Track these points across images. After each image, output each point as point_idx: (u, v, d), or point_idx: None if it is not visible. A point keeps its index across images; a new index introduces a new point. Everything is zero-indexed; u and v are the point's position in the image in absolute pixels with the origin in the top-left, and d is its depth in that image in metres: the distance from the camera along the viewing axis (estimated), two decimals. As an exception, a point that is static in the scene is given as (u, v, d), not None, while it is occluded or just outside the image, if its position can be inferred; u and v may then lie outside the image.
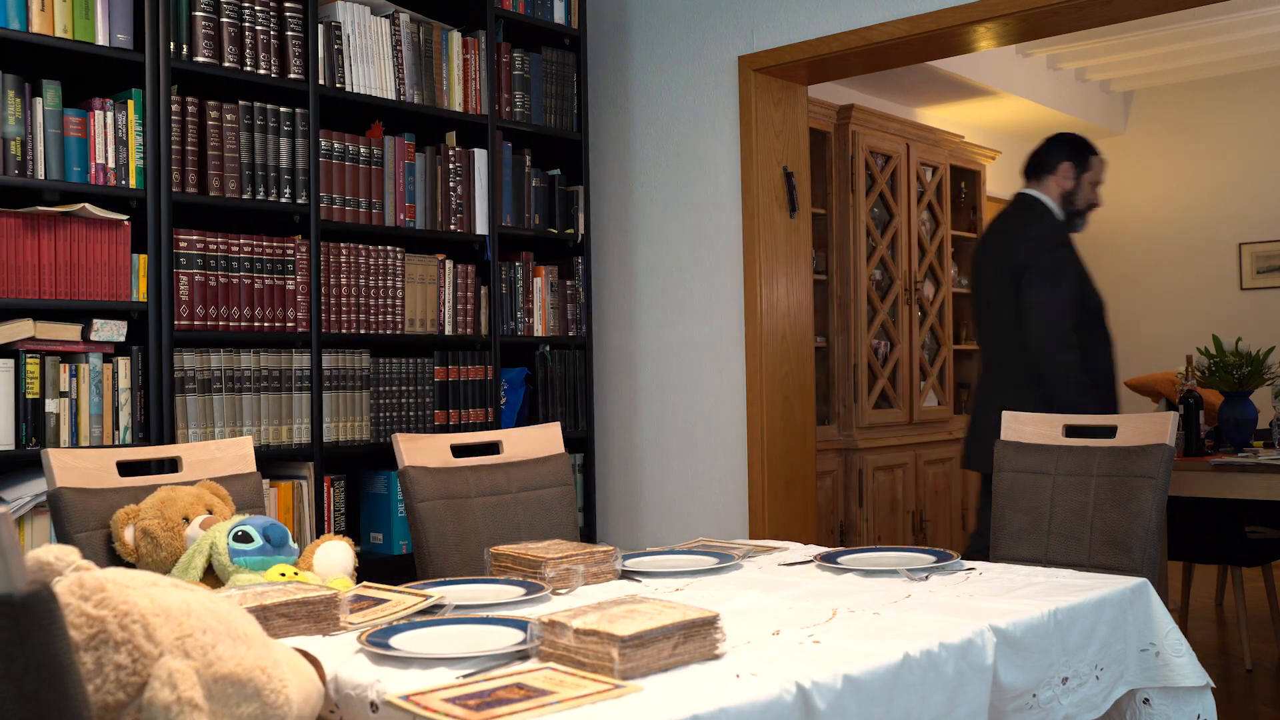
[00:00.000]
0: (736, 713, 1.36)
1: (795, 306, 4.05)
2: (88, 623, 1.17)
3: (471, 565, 2.60)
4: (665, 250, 4.18)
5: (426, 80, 3.60)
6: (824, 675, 1.47)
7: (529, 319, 3.88)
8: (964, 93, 6.08)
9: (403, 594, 1.89)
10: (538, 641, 1.56)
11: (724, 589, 2.06)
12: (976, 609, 1.84)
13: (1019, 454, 2.77)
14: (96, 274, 2.87)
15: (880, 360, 5.36)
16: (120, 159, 2.94)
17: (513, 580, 2.08)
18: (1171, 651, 2.03)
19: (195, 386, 3.04)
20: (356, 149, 3.42)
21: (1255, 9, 5.70)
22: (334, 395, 3.33)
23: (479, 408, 3.68)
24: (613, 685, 1.40)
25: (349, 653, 1.61)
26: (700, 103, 4.08)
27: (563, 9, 4.00)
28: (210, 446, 2.48)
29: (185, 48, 3.06)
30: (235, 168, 3.14)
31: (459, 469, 2.74)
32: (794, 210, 4.04)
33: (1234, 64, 6.79)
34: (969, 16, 3.40)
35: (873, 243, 5.31)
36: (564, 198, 4.02)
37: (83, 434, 2.86)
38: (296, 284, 3.25)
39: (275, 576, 1.98)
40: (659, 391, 4.20)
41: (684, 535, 4.03)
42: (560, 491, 2.89)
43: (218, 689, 1.23)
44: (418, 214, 3.58)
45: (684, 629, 1.52)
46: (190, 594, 1.30)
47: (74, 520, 2.18)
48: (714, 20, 4.04)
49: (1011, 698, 1.76)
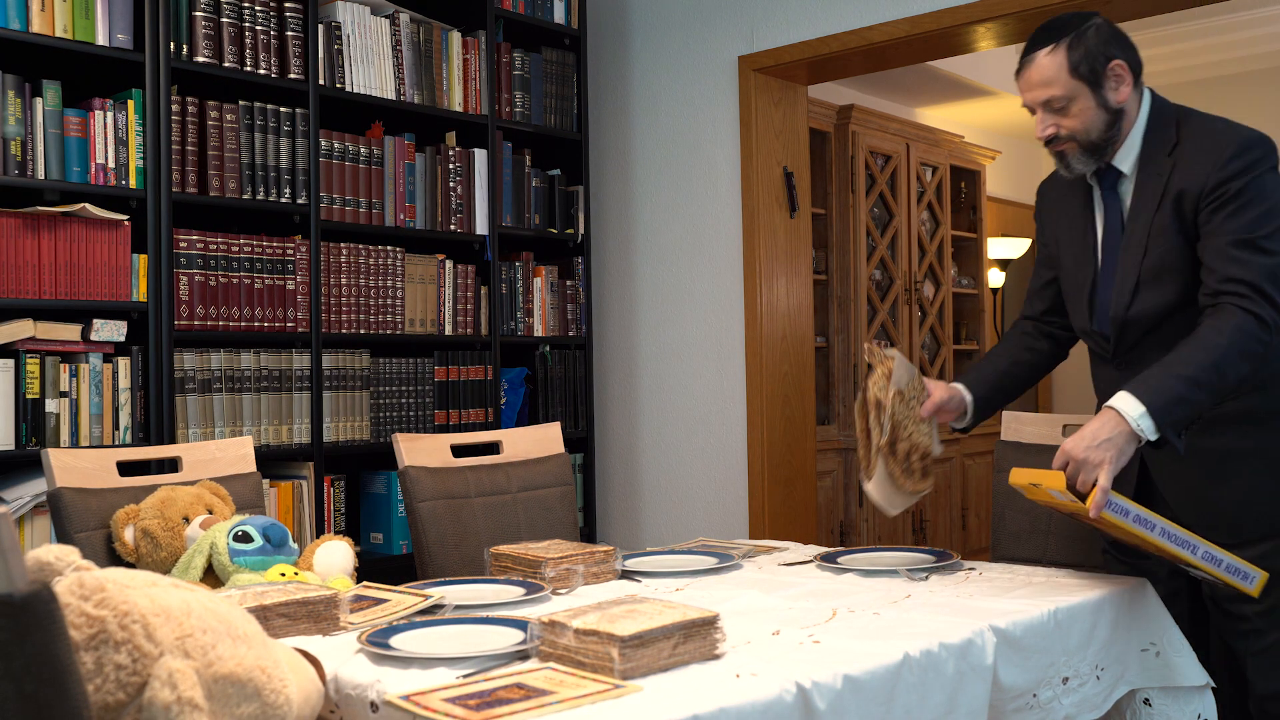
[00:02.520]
0: (736, 713, 1.36)
1: (795, 306, 4.05)
2: (88, 623, 1.17)
3: (471, 565, 2.60)
4: (665, 250, 4.18)
5: (426, 80, 3.60)
6: (824, 675, 1.47)
7: (529, 319, 3.88)
8: (964, 93, 6.08)
9: (403, 594, 1.89)
10: (538, 641, 1.56)
11: (724, 589, 2.06)
12: (976, 609, 1.84)
13: (1019, 454, 2.77)
14: (96, 274, 2.87)
15: (880, 360, 5.35)
16: (120, 159, 2.94)
17: (513, 580, 2.08)
18: (1172, 651, 2.03)
19: (195, 386, 3.04)
20: (356, 149, 3.42)
21: (1255, 9, 5.70)
22: (334, 395, 3.33)
23: (479, 408, 3.68)
24: (613, 685, 1.40)
25: (349, 653, 1.61)
26: (700, 103, 4.08)
27: (563, 9, 4.00)
28: (210, 446, 2.48)
29: (185, 48, 3.06)
30: (235, 168, 3.14)
31: (459, 469, 2.74)
32: (794, 210, 4.04)
33: (1234, 64, 6.79)
34: (969, 16, 3.40)
35: (873, 243, 5.31)
36: (564, 198, 4.02)
37: (83, 434, 2.86)
38: (296, 284, 3.25)
39: (275, 576, 1.98)
40: (659, 391, 4.19)
41: (684, 535, 4.03)
42: (560, 491, 2.89)
43: (218, 689, 1.23)
44: (418, 214, 3.58)
45: (684, 629, 1.52)
46: (190, 594, 1.30)
47: (74, 520, 2.18)
48: (714, 20, 4.04)
49: (1012, 697, 1.76)
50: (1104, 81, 2.12)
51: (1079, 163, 2.18)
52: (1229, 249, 2.01)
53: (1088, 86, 2.11)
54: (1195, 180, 2.06)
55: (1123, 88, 2.12)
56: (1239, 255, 2.00)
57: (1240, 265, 2.00)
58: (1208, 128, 2.11)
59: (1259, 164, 2.03)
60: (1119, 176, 2.19)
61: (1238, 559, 1.95)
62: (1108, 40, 2.12)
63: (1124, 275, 2.15)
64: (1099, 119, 2.13)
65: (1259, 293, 1.99)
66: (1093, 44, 2.11)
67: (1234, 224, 2.01)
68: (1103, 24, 2.14)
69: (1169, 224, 2.09)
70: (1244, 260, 2.00)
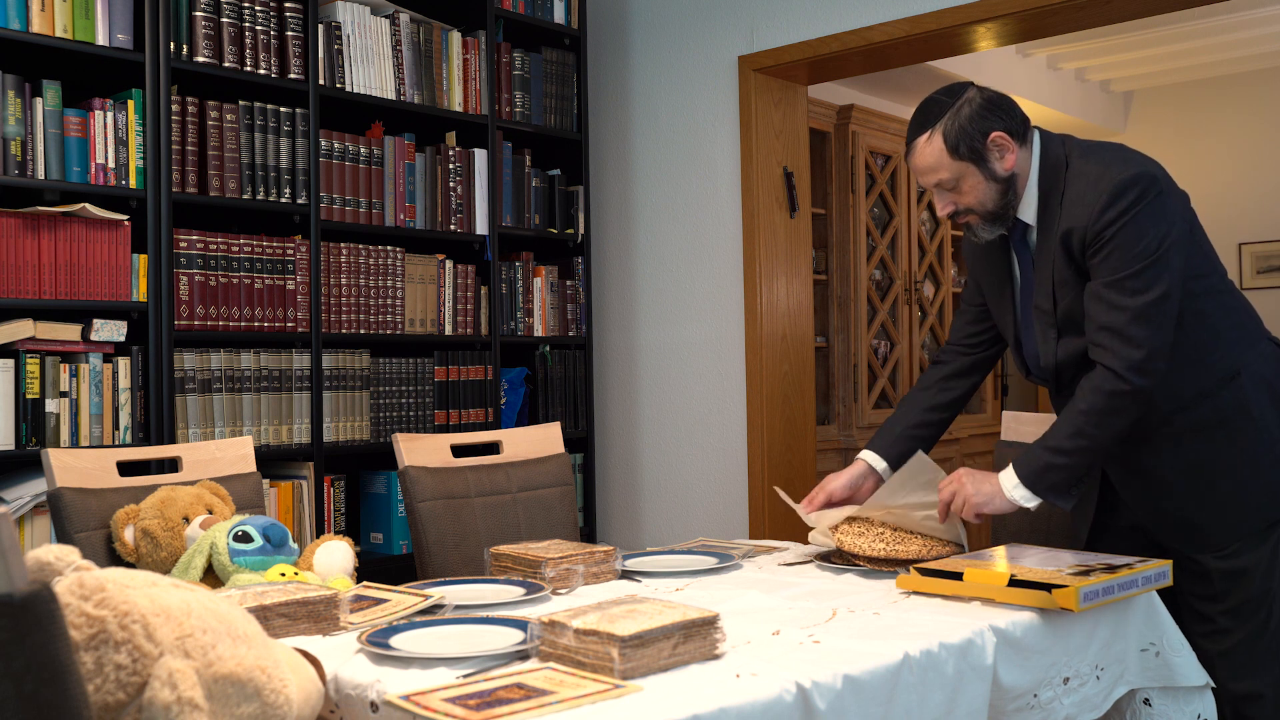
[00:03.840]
0: (736, 713, 1.36)
1: (795, 306, 4.05)
2: (88, 623, 1.17)
3: (471, 565, 2.60)
4: (665, 250, 4.18)
5: (426, 80, 3.60)
6: (824, 675, 1.47)
7: (529, 319, 3.88)
8: (964, 93, 6.07)
9: (403, 594, 1.89)
10: (538, 641, 1.56)
11: (724, 589, 2.06)
12: (976, 609, 1.84)
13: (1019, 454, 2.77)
14: (96, 274, 2.87)
15: (880, 360, 5.36)
16: (120, 159, 2.94)
17: (513, 580, 2.08)
18: (1172, 651, 2.03)
19: (195, 386, 3.04)
20: (356, 149, 3.42)
21: (1255, 9, 5.70)
22: (334, 395, 3.33)
23: (479, 408, 3.68)
24: (613, 685, 1.40)
25: (349, 653, 1.61)
26: (700, 103, 4.08)
27: (563, 9, 4.00)
28: (210, 446, 2.48)
29: (185, 48, 3.06)
30: (235, 168, 3.14)
31: (459, 469, 2.74)
32: (794, 210, 4.04)
33: (1234, 64, 6.79)
34: (969, 16, 3.40)
35: (873, 243, 5.31)
36: (564, 198, 4.02)
37: (83, 434, 2.86)
38: (296, 284, 3.25)
39: (275, 576, 1.98)
40: (659, 391, 4.19)
41: (684, 535, 4.03)
42: (560, 491, 2.89)
43: (218, 689, 1.23)
44: (418, 214, 3.58)
45: (684, 629, 1.52)
46: (190, 594, 1.30)
47: (74, 520, 2.18)
48: (714, 20, 4.04)
49: (1013, 698, 1.76)
50: (987, 155, 2.14)
51: (985, 231, 2.22)
52: (1101, 291, 2.07)
53: (972, 164, 2.14)
54: (1078, 227, 2.09)
55: (1008, 156, 2.14)
56: (1109, 298, 2.05)
57: (1108, 310, 2.05)
58: (1087, 172, 2.12)
59: (1135, 204, 2.04)
60: (1025, 228, 2.22)
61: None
62: (982, 113, 2.13)
63: (1042, 327, 2.20)
64: (991, 190, 2.16)
65: (1122, 338, 2.03)
66: (967, 122, 2.13)
67: (1107, 267, 2.06)
68: (974, 96, 2.15)
69: (1067, 274, 2.14)
70: (1113, 303, 2.05)
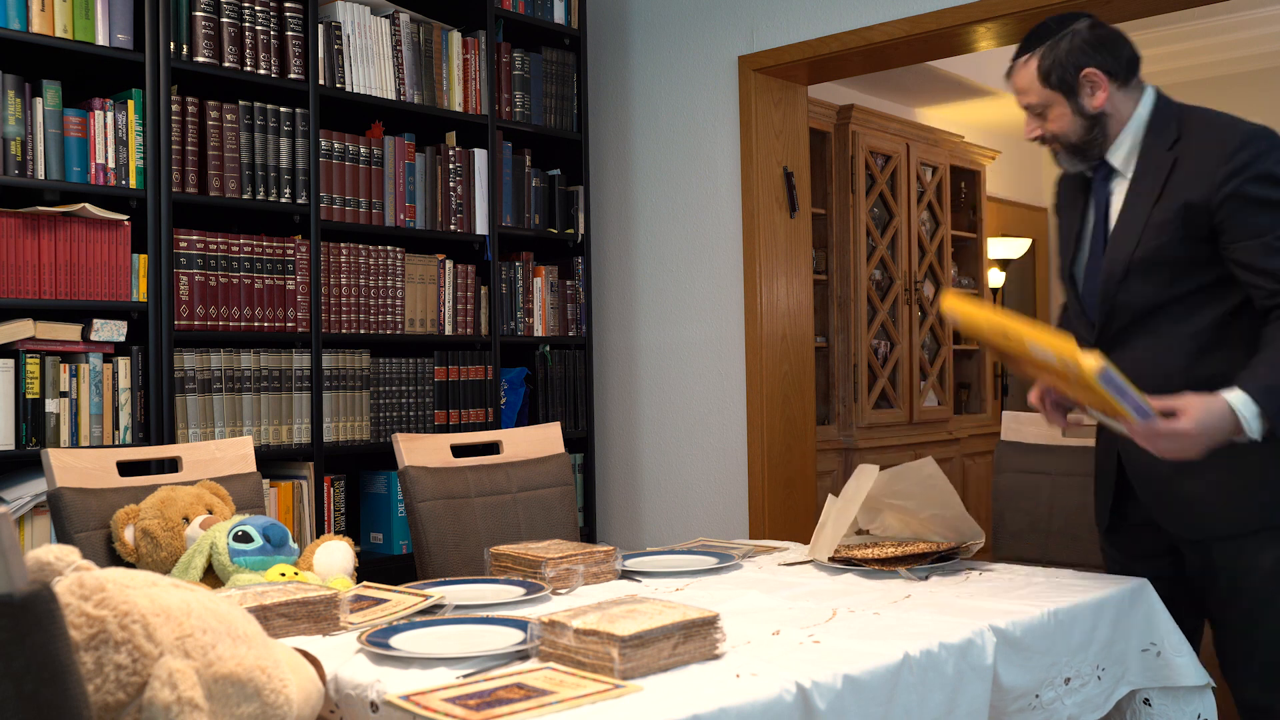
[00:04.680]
0: (736, 713, 1.36)
1: (795, 306, 4.05)
2: (88, 623, 1.17)
3: (471, 565, 2.60)
4: (665, 250, 4.18)
5: (426, 80, 3.60)
6: (824, 675, 1.47)
7: (529, 319, 3.88)
8: (964, 93, 6.08)
9: (403, 594, 1.89)
10: (538, 641, 1.56)
11: (724, 589, 2.06)
12: (976, 609, 1.84)
13: (1019, 454, 2.78)
14: (96, 274, 2.87)
15: (880, 360, 5.36)
16: (120, 159, 2.94)
17: (513, 580, 2.08)
18: (1172, 651, 2.03)
19: (195, 386, 3.04)
20: (356, 149, 3.42)
21: (1255, 9, 5.70)
22: (334, 395, 3.33)
23: (479, 408, 3.68)
24: (613, 685, 1.40)
25: (349, 653, 1.61)
26: (700, 103, 4.08)
27: (563, 9, 4.00)
28: (210, 446, 2.48)
29: (185, 48, 3.05)
30: (235, 168, 3.14)
31: (459, 469, 2.74)
32: (794, 210, 4.04)
33: (1234, 64, 6.78)
34: (969, 16, 3.40)
35: (873, 243, 5.31)
36: (564, 198, 4.02)
37: (83, 434, 2.86)
38: (296, 284, 3.25)
39: (275, 576, 1.98)
40: (659, 391, 4.19)
41: (684, 535, 4.03)
42: (560, 491, 2.89)
43: (218, 689, 1.23)
44: (418, 214, 3.58)
45: (684, 629, 1.52)
46: (190, 594, 1.30)
47: (74, 520, 2.18)
48: (714, 20, 4.04)
49: (1015, 698, 1.76)
50: (1078, 90, 2.15)
51: (1066, 162, 2.25)
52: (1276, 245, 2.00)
53: (1061, 95, 2.16)
54: (1202, 177, 2.06)
55: (1099, 94, 2.14)
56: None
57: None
58: (1210, 122, 2.12)
59: (1265, 155, 2.03)
60: (1111, 171, 2.21)
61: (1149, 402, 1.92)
62: (1083, 49, 2.14)
63: (1111, 264, 2.17)
64: (1076, 125, 2.17)
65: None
66: (1064, 54, 2.14)
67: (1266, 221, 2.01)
68: (1082, 29, 2.15)
69: (1169, 219, 2.09)
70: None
